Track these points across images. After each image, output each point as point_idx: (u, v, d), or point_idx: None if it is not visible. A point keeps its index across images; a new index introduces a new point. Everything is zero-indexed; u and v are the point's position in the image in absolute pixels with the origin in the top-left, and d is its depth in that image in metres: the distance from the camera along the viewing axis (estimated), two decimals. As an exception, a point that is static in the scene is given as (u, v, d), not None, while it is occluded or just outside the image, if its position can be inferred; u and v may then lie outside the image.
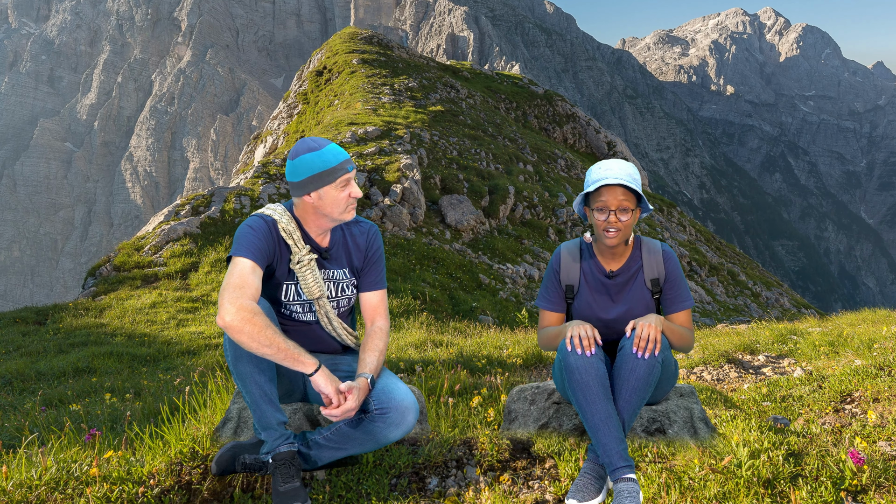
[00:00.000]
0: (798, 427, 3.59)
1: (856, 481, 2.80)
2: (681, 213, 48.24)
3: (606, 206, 3.32)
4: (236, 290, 2.93)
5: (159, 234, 17.46)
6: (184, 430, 3.52)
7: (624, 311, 3.48)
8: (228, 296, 2.90)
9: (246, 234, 3.14)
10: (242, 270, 3.02)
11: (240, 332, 2.85)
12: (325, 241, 3.38)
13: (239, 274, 3.00)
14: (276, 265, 3.28)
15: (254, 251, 3.09)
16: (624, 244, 3.49)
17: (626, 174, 3.32)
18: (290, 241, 3.25)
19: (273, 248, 3.22)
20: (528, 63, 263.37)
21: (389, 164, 24.88)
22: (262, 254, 3.13)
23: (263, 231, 3.19)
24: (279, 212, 3.29)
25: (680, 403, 3.63)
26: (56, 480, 3.02)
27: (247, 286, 2.97)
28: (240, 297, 2.90)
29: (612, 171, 3.34)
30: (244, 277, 2.99)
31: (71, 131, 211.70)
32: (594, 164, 3.46)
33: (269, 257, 3.18)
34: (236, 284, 2.95)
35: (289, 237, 3.25)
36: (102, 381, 8.18)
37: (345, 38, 56.32)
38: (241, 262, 3.05)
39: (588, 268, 3.57)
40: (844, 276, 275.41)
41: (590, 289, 3.55)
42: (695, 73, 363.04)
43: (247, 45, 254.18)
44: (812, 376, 5.21)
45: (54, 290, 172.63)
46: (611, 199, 3.32)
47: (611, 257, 3.53)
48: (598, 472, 3.08)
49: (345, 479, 3.23)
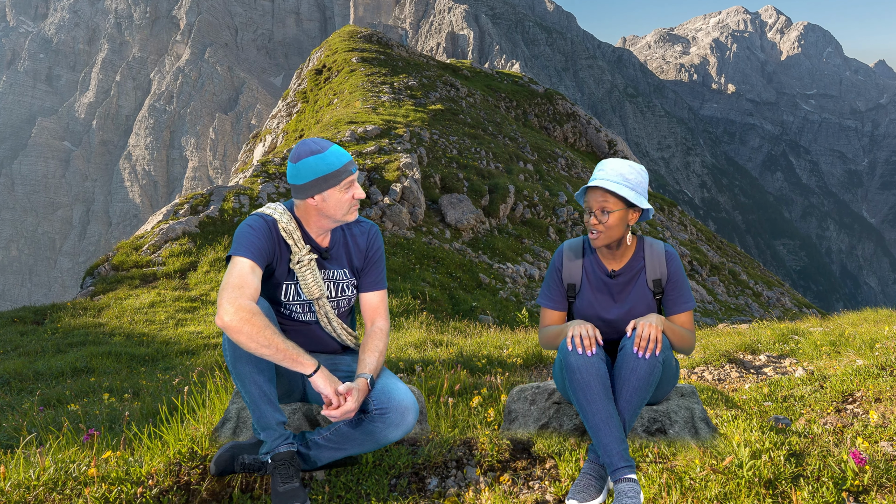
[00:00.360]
0: (799, 427, 3.59)
1: (857, 482, 2.80)
2: (682, 213, 48.25)
3: (589, 208, 3.35)
4: (235, 289, 2.93)
5: (158, 234, 17.46)
6: (182, 431, 3.52)
7: (625, 311, 3.48)
8: (227, 295, 2.90)
9: (246, 234, 3.14)
10: (242, 270, 3.01)
11: (238, 332, 2.85)
12: (325, 241, 3.38)
13: (238, 273, 3.00)
14: (276, 265, 3.27)
15: (253, 251, 3.09)
16: (616, 245, 3.47)
17: (615, 174, 3.33)
18: (290, 240, 3.25)
19: (273, 247, 3.22)
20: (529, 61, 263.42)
21: (389, 163, 24.88)
22: (262, 253, 3.12)
23: (263, 230, 3.19)
24: (279, 211, 3.29)
25: (681, 403, 3.63)
26: (54, 481, 3.02)
27: (246, 286, 2.97)
28: (239, 297, 2.90)
29: (602, 173, 3.36)
30: (243, 277, 2.99)
31: (69, 130, 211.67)
32: (596, 163, 3.48)
33: (268, 257, 3.18)
34: (235, 284, 2.95)
35: (289, 237, 3.25)
36: (101, 381, 8.18)
37: (344, 37, 56.32)
38: (241, 261, 3.04)
39: (590, 267, 3.57)
40: (846, 276, 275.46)
41: (591, 288, 3.55)
42: (696, 71, 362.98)
43: (246, 44, 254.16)
44: (814, 376, 5.21)
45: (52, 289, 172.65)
46: (592, 201, 3.35)
47: (612, 257, 3.53)
48: (598, 472, 3.08)
49: (344, 480, 3.23)
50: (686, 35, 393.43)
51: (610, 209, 3.30)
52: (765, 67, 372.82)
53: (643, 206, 3.37)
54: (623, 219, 3.35)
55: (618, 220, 3.33)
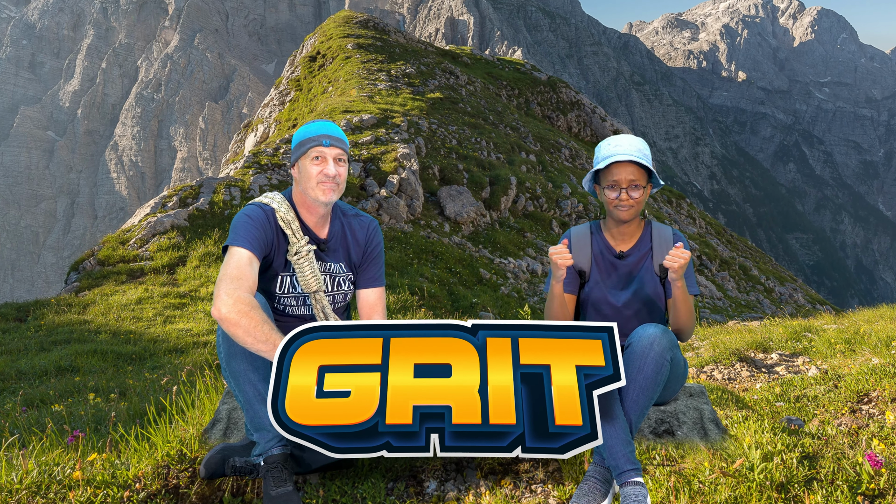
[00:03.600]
0: (813, 428, 3.59)
1: (873, 485, 2.80)
2: (690, 205, 48.26)
3: (618, 184, 3.41)
4: (234, 281, 2.94)
5: (145, 227, 17.45)
6: (171, 432, 3.52)
7: (633, 295, 3.55)
8: (225, 287, 2.90)
9: (243, 224, 3.16)
10: (240, 261, 3.03)
11: (236, 325, 2.85)
12: (323, 231, 3.40)
13: (236, 265, 3.01)
14: (274, 256, 3.30)
15: (251, 241, 3.11)
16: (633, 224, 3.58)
17: (636, 149, 3.41)
18: (288, 231, 3.28)
19: (271, 238, 3.24)
20: (531, 48, 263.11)
21: (386, 153, 24.86)
22: (260, 244, 3.14)
23: (261, 220, 3.21)
24: (277, 200, 3.32)
25: (689, 404, 3.63)
26: (37, 484, 3.02)
27: (244, 278, 2.98)
28: (237, 289, 2.91)
29: (623, 147, 3.41)
30: (241, 269, 3.00)
31: (53, 119, 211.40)
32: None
33: (266, 248, 3.20)
34: (233, 276, 2.96)
35: (287, 227, 3.27)
36: (86, 381, 8.18)
37: (339, 22, 56.28)
38: (239, 252, 3.06)
39: (598, 250, 3.64)
40: (861, 271, 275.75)
41: (600, 271, 3.61)
42: (705, 58, 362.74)
43: (237, 30, 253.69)
44: (827, 375, 5.21)
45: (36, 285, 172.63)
46: (622, 177, 3.40)
47: (620, 238, 3.60)
48: (603, 475, 3.07)
49: (339, 483, 3.23)
50: (695, 20, 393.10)
51: (642, 184, 3.42)
52: (777, 54, 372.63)
53: (660, 183, 3.54)
54: (647, 193, 3.48)
55: (645, 194, 3.45)
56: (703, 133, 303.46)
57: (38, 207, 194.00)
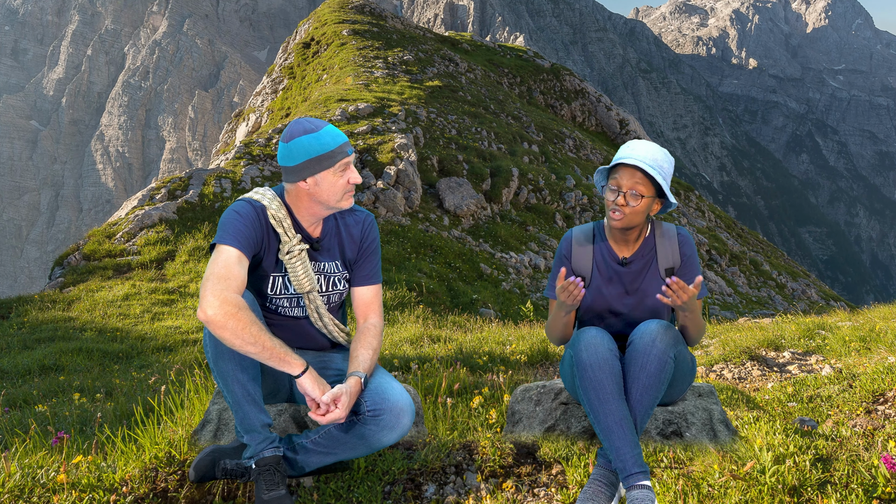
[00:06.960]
0: (826, 430, 3.59)
1: (889, 488, 2.80)
2: (699, 198, 48.25)
3: (619, 187, 3.33)
4: (221, 281, 2.91)
5: (133, 220, 17.44)
6: (159, 433, 3.52)
7: (637, 303, 3.49)
8: (212, 287, 2.87)
9: (232, 221, 3.11)
10: (228, 260, 2.99)
11: (223, 327, 2.83)
12: (316, 230, 3.35)
13: (224, 264, 2.97)
14: (264, 255, 3.25)
15: (240, 239, 3.06)
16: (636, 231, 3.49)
17: (651, 158, 3.33)
18: (279, 229, 3.22)
19: (261, 236, 3.19)
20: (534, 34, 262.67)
21: (383, 143, 24.84)
22: (249, 242, 3.10)
23: (251, 217, 3.16)
24: (269, 197, 3.26)
25: (698, 404, 3.63)
26: (20, 488, 3.01)
27: (232, 277, 2.94)
28: (224, 290, 2.88)
29: (636, 152, 3.35)
30: (229, 268, 2.96)
31: (36, 108, 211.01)
32: (607, 143, 3.47)
33: (256, 246, 3.16)
34: (221, 275, 2.93)
35: (278, 225, 3.22)
36: (71, 380, 8.18)
37: (334, 7, 56.18)
38: (227, 250, 3.02)
39: (600, 255, 3.58)
40: (877, 266, 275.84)
41: (602, 277, 3.55)
42: (714, 45, 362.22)
43: (227, 15, 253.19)
44: (842, 374, 5.22)
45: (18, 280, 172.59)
46: (624, 180, 3.33)
47: (623, 243, 3.53)
48: (609, 478, 3.07)
49: (334, 487, 3.23)
50: (704, 5, 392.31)
51: (642, 193, 3.32)
52: (789, 41, 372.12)
53: (672, 200, 3.42)
54: (649, 207, 3.38)
55: (645, 207, 3.35)
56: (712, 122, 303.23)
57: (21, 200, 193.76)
